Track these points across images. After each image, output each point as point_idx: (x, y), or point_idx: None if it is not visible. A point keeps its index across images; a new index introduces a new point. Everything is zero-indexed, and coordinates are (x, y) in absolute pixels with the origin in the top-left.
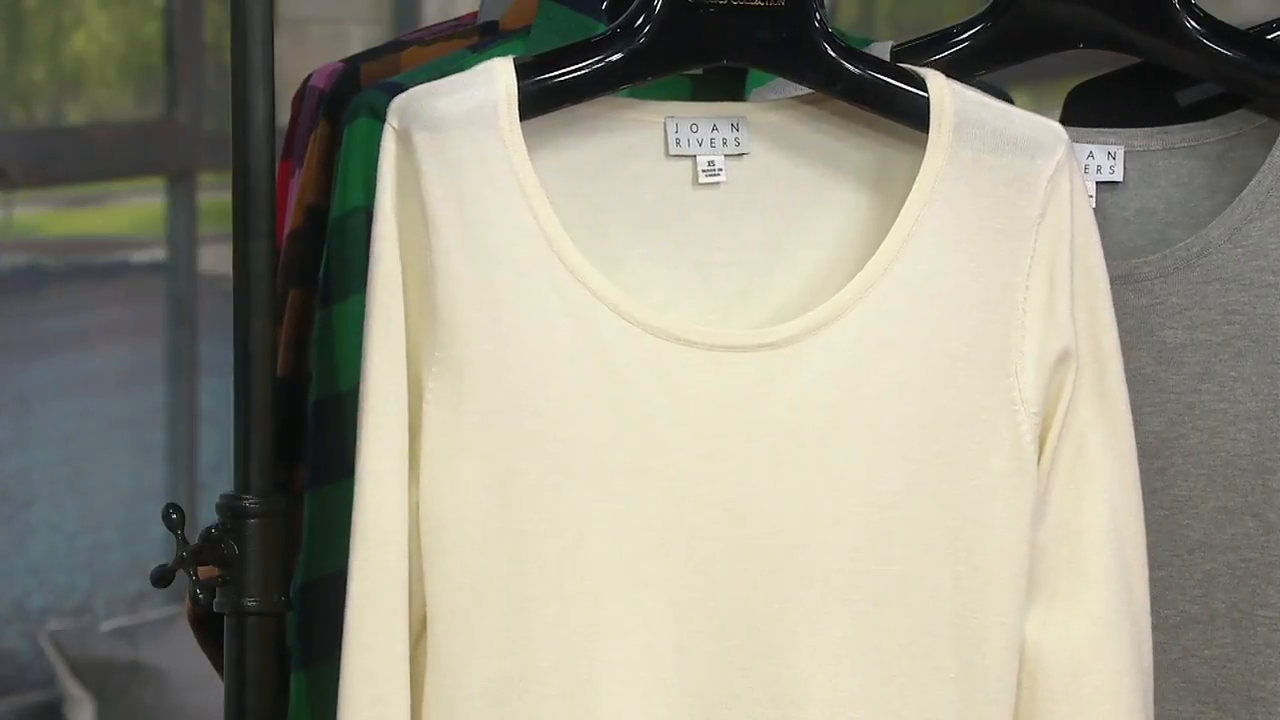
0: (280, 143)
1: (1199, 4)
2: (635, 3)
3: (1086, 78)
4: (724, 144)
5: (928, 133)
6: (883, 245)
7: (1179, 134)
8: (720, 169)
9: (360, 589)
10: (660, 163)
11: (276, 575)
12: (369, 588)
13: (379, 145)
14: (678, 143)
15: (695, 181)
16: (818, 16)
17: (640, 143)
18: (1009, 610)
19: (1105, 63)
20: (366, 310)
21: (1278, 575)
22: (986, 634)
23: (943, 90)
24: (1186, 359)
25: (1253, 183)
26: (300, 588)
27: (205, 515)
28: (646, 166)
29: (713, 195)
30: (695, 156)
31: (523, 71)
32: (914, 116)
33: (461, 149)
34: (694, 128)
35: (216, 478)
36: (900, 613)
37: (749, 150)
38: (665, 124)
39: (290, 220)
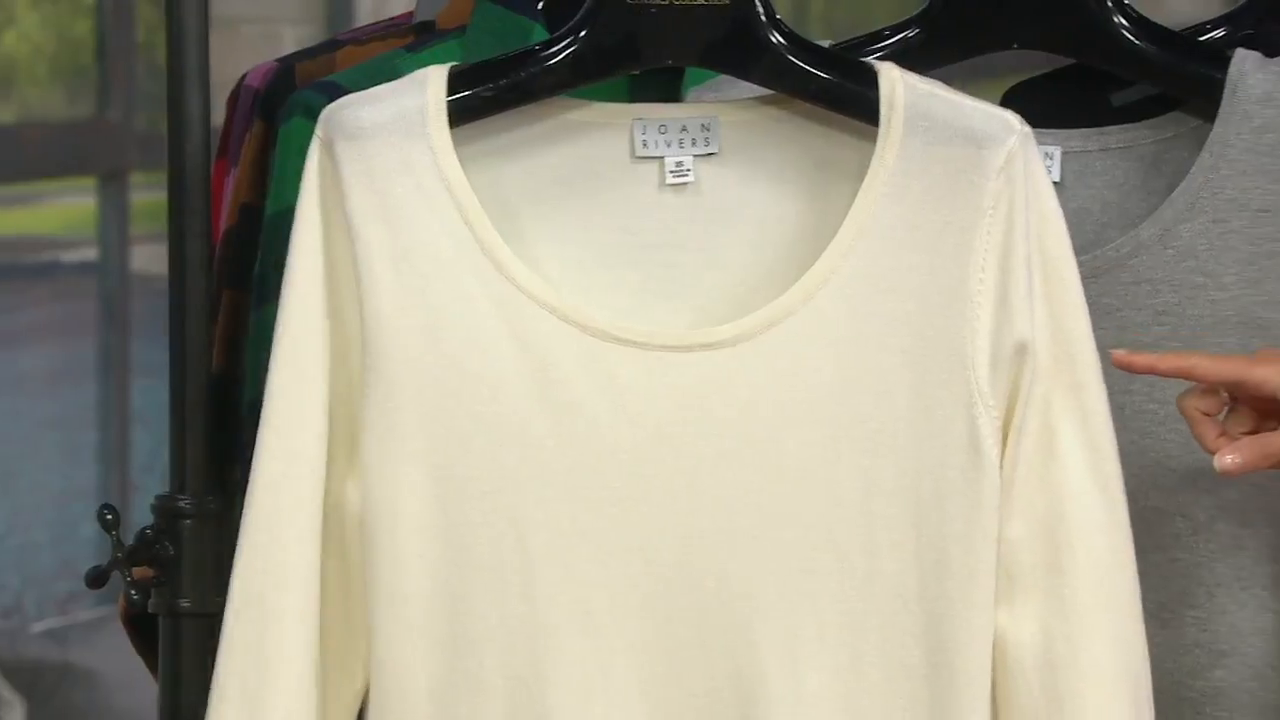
0: (215, 142)
1: (1132, 5)
2: (575, 4)
3: (1021, 79)
4: (693, 144)
5: (878, 126)
6: (832, 242)
7: (1114, 135)
8: (689, 169)
9: (243, 590)
10: (623, 165)
11: (211, 576)
12: (250, 589)
13: None
14: (644, 144)
15: (661, 183)
16: (764, 11)
17: (598, 145)
18: (978, 606)
19: (1040, 64)
20: (278, 317)
21: (1206, 576)
22: (955, 630)
23: (894, 83)
24: None
25: (1183, 184)
26: None
27: (138, 516)
28: (607, 169)
29: (677, 196)
30: (663, 158)
31: (458, 78)
32: (865, 110)
33: (384, 156)
34: (663, 129)
35: (148, 478)
36: (866, 610)
37: (717, 150)
38: (631, 126)
39: (225, 219)
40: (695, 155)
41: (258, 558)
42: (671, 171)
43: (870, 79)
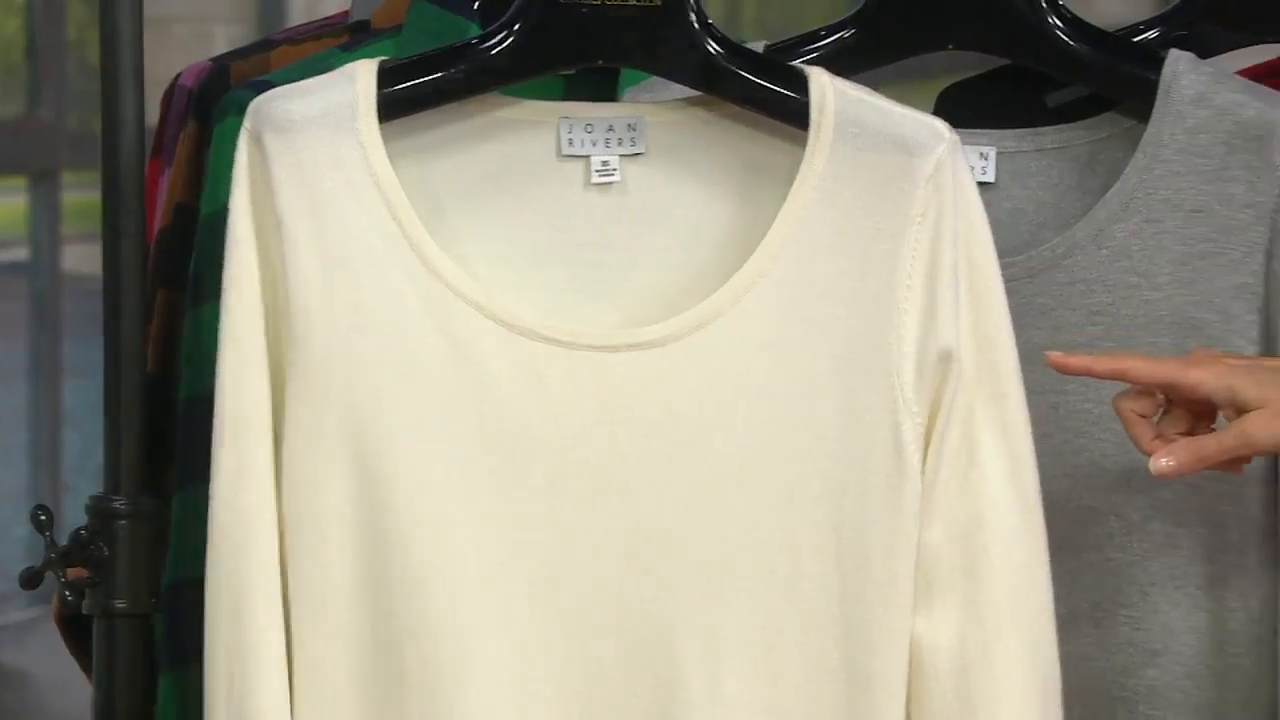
0: (149, 141)
1: (1066, 6)
2: (510, 3)
3: (955, 79)
4: (619, 144)
5: (808, 131)
6: (760, 246)
7: (1050, 135)
8: (614, 169)
9: (217, 593)
10: (550, 163)
11: (146, 577)
12: (224, 592)
13: None
14: (570, 143)
15: (587, 182)
16: (696, 15)
17: (526, 143)
18: (897, 609)
19: (974, 64)
20: (221, 313)
21: (1140, 575)
22: (875, 634)
23: (824, 88)
24: None
25: (1117, 184)
26: (168, 588)
27: (70, 517)
28: (533, 167)
29: (603, 195)
30: (589, 157)
31: (388, 73)
32: (795, 115)
33: (313, 150)
34: (589, 128)
35: (80, 479)
36: (786, 613)
37: (643, 150)
38: (558, 125)
39: (159, 219)
40: (621, 155)
41: (228, 562)
42: (597, 171)
43: (801, 84)
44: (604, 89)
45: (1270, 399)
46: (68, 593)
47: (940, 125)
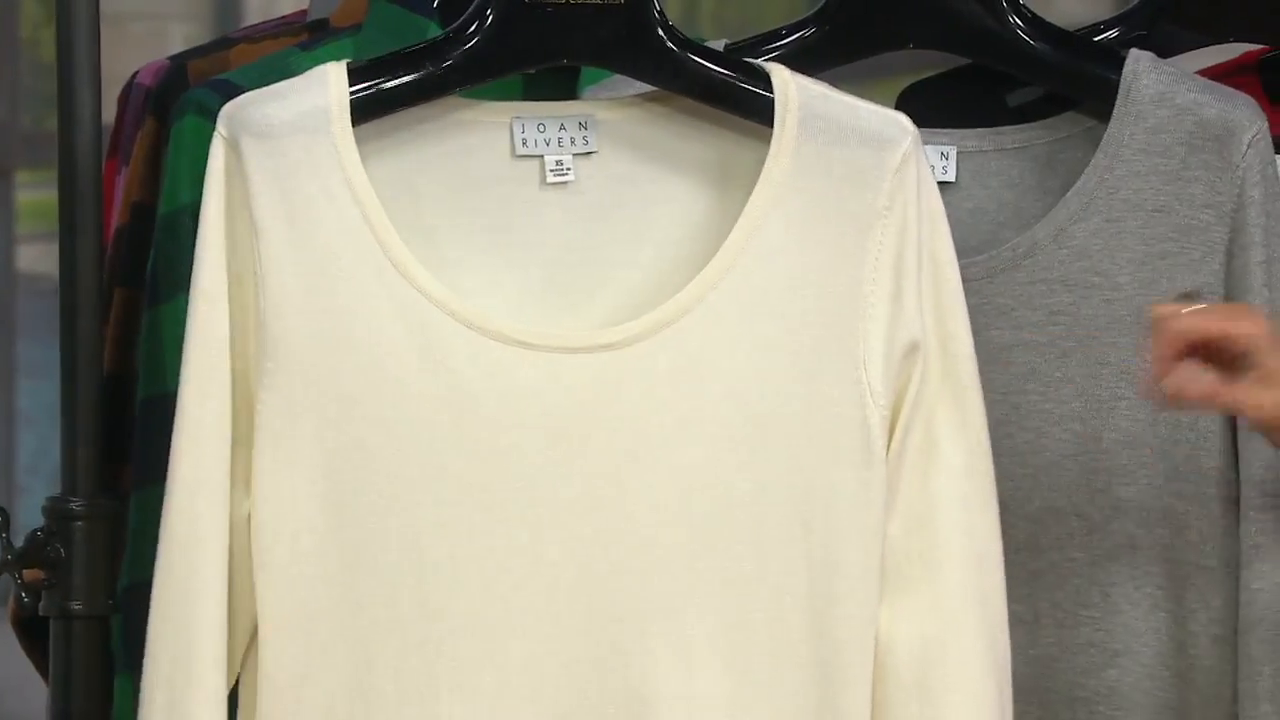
0: (106, 140)
1: (1026, 6)
2: (471, 3)
3: (915, 78)
4: (572, 143)
5: (772, 127)
6: (726, 242)
7: (1010, 135)
8: (569, 168)
9: (165, 598)
10: (506, 163)
11: (103, 578)
12: (173, 596)
13: (207, 143)
14: (524, 143)
15: (543, 182)
16: (657, 12)
17: (483, 144)
18: (863, 602)
19: (935, 63)
20: (187, 319)
21: (1101, 575)
22: (842, 627)
23: (787, 84)
24: (1013, 359)
25: (1078, 184)
26: (124, 591)
27: (24, 518)
28: (491, 167)
29: (560, 195)
30: (543, 156)
31: (356, 75)
32: (759, 111)
33: (292, 156)
34: (541, 127)
35: (34, 479)
36: (755, 608)
37: (597, 149)
38: (511, 124)
39: (116, 218)
40: (575, 154)
41: (176, 571)
42: (551, 170)
43: (763, 80)
44: (564, 87)
45: None
46: (24, 594)
47: (904, 119)
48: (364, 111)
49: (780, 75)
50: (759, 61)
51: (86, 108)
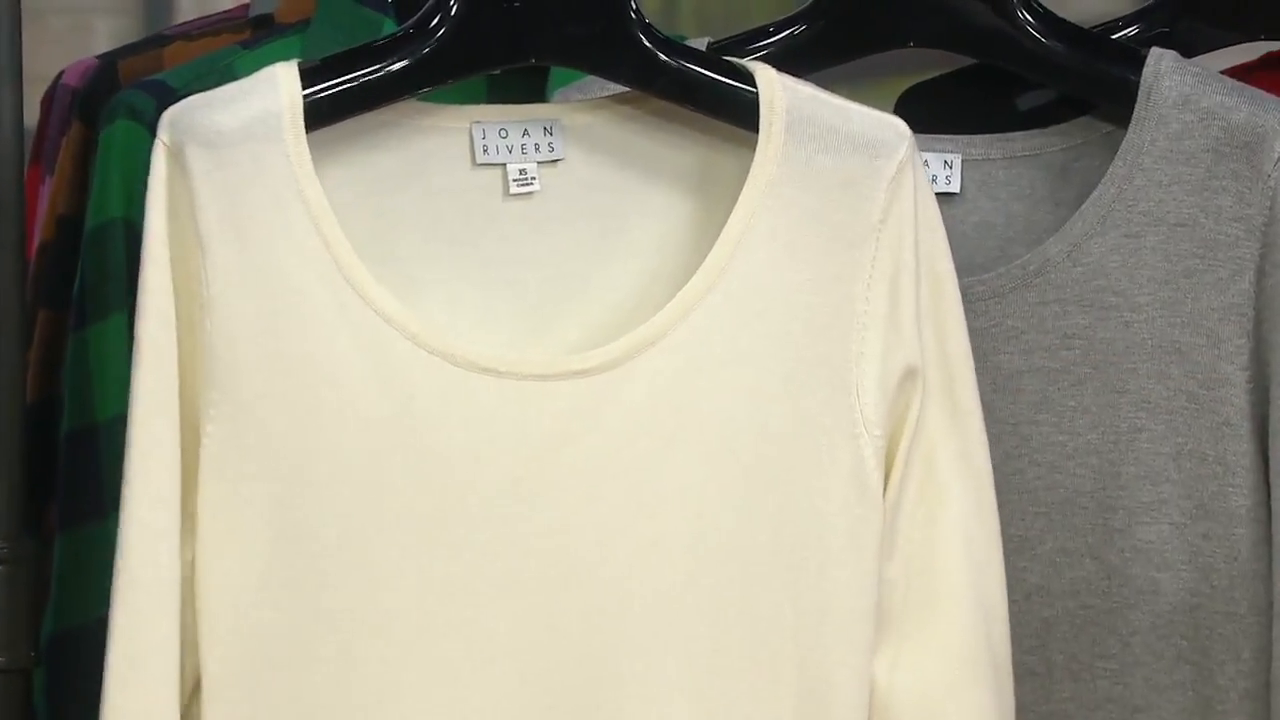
0: (28, 146)
1: (1038, 1)
2: None
3: (913, 80)
4: (536, 150)
5: (757, 132)
6: (708, 258)
7: (1020, 142)
8: (533, 177)
9: (122, 651)
10: (466, 173)
11: (25, 628)
12: (133, 650)
13: (140, 150)
14: (485, 150)
15: (506, 192)
16: (633, 8)
17: (442, 151)
18: (856, 648)
19: (938, 64)
20: (134, 344)
21: (1119, 623)
22: (831, 672)
23: (773, 86)
24: (1023, 386)
25: (1094, 195)
26: (49, 640)
27: None
28: (451, 177)
29: (525, 206)
30: (505, 165)
31: (308, 77)
32: (743, 114)
33: (241, 166)
34: (503, 133)
35: None
36: (738, 651)
37: (564, 156)
38: (471, 130)
39: (40, 232)
40: (539, 162)
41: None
42: (515, 180)
43: (747, 81)
44: (532, 89)
45: None
46: None
47: (900, 124)
48: (317, 117)
49: (766, 76)
50: (743, 61)
51: (7, 110)
